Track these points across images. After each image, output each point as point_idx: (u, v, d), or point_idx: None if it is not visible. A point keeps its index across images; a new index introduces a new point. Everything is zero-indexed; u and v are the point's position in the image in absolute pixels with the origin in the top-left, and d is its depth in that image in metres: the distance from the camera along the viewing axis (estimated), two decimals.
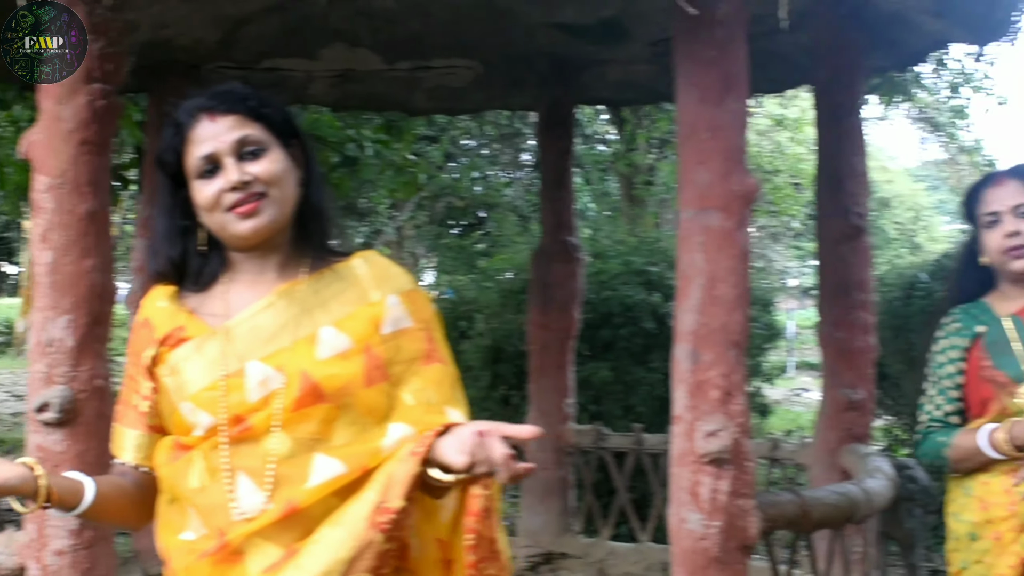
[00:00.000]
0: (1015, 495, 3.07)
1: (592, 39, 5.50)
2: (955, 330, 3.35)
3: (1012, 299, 3.31)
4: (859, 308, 5.19)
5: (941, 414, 3.33)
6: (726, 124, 3.66)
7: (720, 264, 3.64)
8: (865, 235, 5.21)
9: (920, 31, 5.12)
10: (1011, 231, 3.22)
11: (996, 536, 3.10)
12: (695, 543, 3.63)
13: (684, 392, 3.71)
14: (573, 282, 6.68)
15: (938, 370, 3.36)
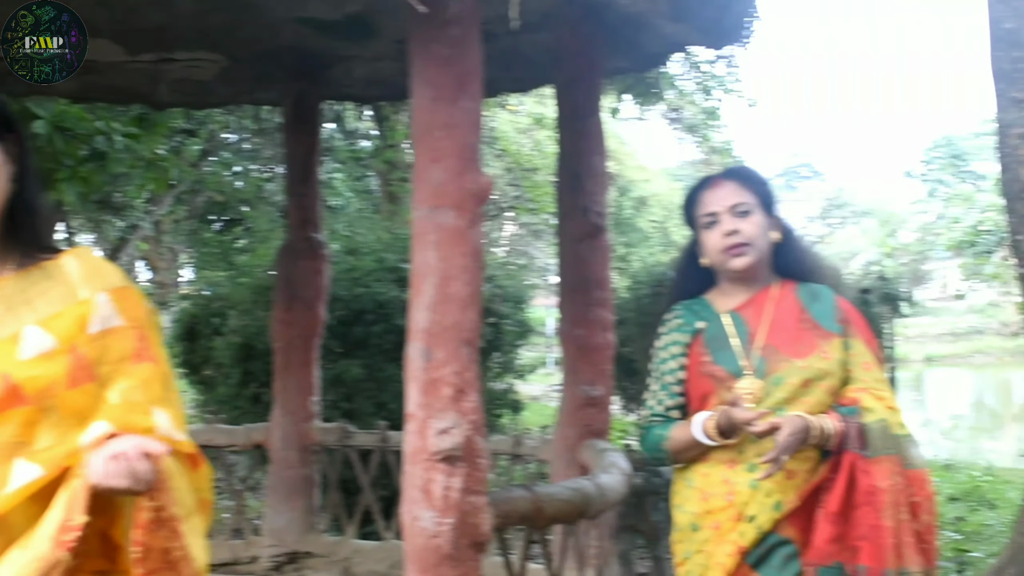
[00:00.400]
0: (732, 485, 3.15)
1: (338, 35, 5.43)
2: (676, 326, 3.39)
3: (732, 296, 3.36)
4: (598, 306, 5.26)
5: (662, 408, 3.35)
6: (460, 123, 3.64)
7: (453, 262, 3.62)
8: (604, 233, 5.28)
9: (658, 33, 5.22)
10: (729, 230, 3.28)
11: (715, 526, 3.16)
12: (427, 541, 3.60)
13: (417, 390, 3.67)
14: (318, 279, 6.59)
15: (660, 365, 3.39)
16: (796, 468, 3.09)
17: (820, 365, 3.19)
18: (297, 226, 6.62)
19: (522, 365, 10.71)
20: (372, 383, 8.20)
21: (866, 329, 3.36)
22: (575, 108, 5.25)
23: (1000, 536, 9.14)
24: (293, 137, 6.73)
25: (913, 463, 3.10)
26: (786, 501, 3.09)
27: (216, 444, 6.77)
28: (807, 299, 3.33)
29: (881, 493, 3.01)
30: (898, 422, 3.14)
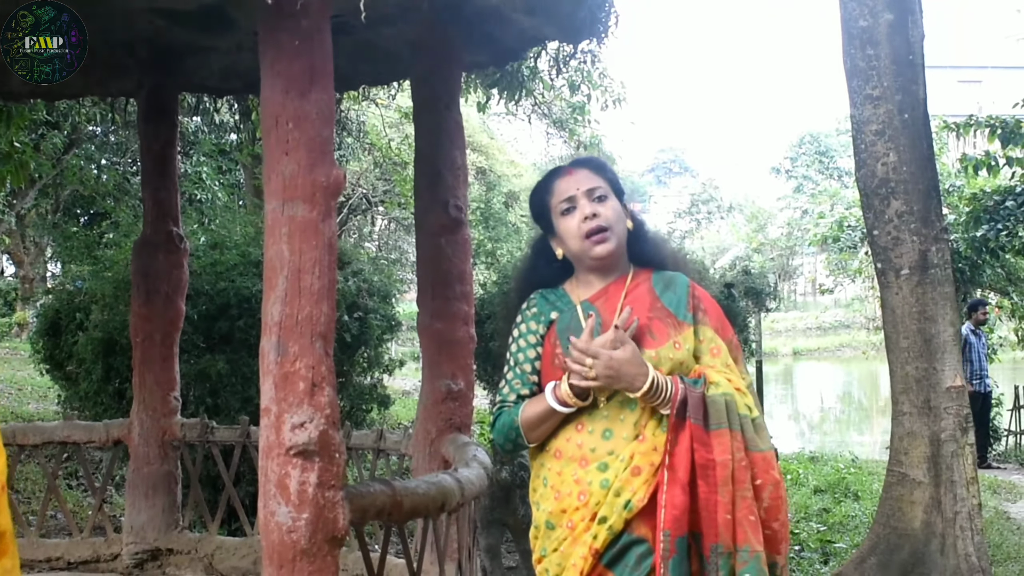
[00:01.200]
0: (584, 484, 3.09)
1: (193, 26, 5.35)
2: (532, 315, 3.33)
3: (588, 285, 3.31)
4: (459, 300, 5.28)
5: (514, 396, 3.28)
6: (311, 115, 3.62)
7: (305, 255, 3.60)
8: (464, 227, 5.30)
9: (515, 27, 5.25)
10: (589, 213, 3.21)
11: (570, 525, 3.11)
12: (284, 536, 3.58)
13: (271, 384, 3.66)
14: (178, 273, 6.52)
15: (516, 354, 3.33)
16: (642, 464, 3.04)
17: (672, 355, 3.14)
18: (155, 219, 6.52)
19: (391, 360, 10.67)
20: (237, 378, 8.11)
21: (719, 317, 3.31)
22: (433, 102, 5.25)
23: (864, 527, 9.37)
24: (149, 129, 6.62)
25: (758, 446, 3.07)
26: (636, 500, 3.02)
27: (76, 440, 6.66)
28: (661, 287, 3.28)
29: (716, 467, 2.99)
30: (745, 403, 3.12)
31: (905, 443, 7.01)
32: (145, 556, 6.44)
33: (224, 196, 16.95)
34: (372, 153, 20.99)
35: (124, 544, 6.47)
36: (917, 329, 6.94)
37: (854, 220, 20.25)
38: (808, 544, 8.95)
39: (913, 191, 7.04)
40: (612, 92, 15.61)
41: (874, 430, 22.53)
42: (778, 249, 51.07)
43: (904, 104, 7.11)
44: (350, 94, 10.64)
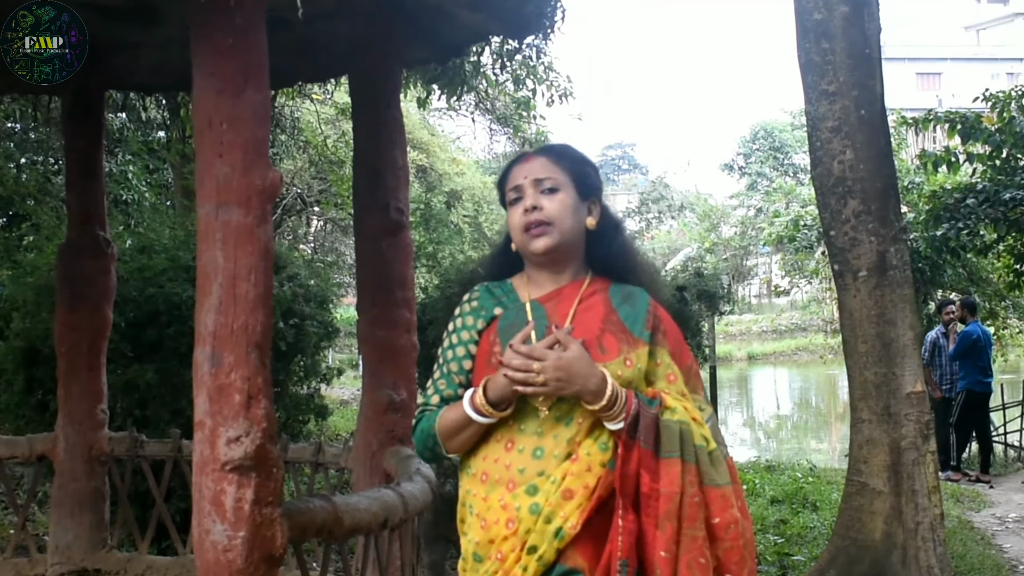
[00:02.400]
0: (511, 510, 2.94)
1: (121, 20, 5.31)
2: (470, 309, 3.21)
3: (539, 285, 3.19)
4: (400, 306, 5.29)
5: (438, 399, 3.15)
6: (246, 115, 3.61)
7: (240, 262, 3.59)
8: (406, 230, 5.31)
9: (458, 23, 5.27)
10: (528, 205, 3.10)
11: (500, 557, 2.95)
12: (219, 555, 3.57)
13: (205, 397, 3.65)
14: (105, 279, 6.48)
15: (446, 351, 3.20)
16: (574, 486, 2.89)
17: (621, 372, 2.99)
18: (80, 222, 6.49)
19: (328, 368, 10.66)
20: (167, 389, 8.07)
21: (678, 341, 3.21)
22: (372, 99, 5.26)
23: (823, 538, 9.46)
24: (74, 128, 6.57)
25: (715, 480, 2.94)
26: (568, 527, 2.88)
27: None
28: (618, 300, 3.15)
29: (660, 499, 2.86)
30: (702, 434, 2.98)
31: (864, 451, 7.09)
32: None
33: (152, 197, 16.83)
34: (307, 151, 20.92)
35: (49, 564, 6.42)
36: (876, 333, 7.03)
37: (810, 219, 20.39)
38: (765, 557, 9.02)
39: (871, 190, 7.12)
40: (558, 87, 15.68)
41: (833, 437, 22.74)
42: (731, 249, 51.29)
43: (861, 100, 7.21)
44: (285, 90, 10.61)
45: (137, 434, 6.61)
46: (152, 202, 16.48)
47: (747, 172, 66.36)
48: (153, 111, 16.20)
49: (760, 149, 66.14)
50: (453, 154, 29.16)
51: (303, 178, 22.77)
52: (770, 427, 26.11)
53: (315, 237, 29.41)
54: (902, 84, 62.15)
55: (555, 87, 15.54)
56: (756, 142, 66.76)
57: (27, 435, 6.93)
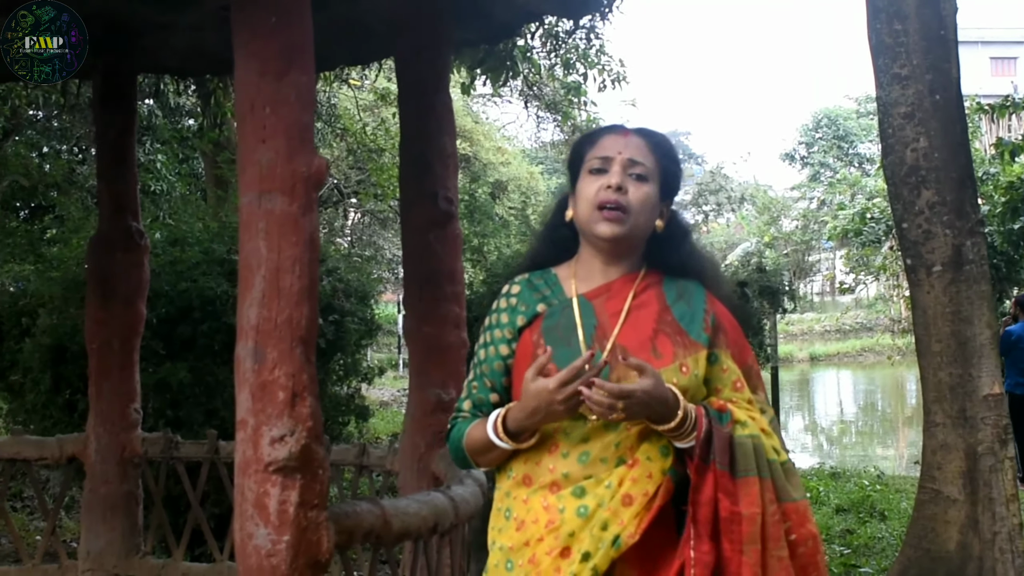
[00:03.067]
0: (555, 511, 2.84)
1: (153, 2, 5.36)
2: (508, 306, 3.10)
3: (590, 275, 3.07)
4: (449, 301, 5.30)
5: (470, 404, 3.07)
6: (290, 99, 3.63)
7: (285, 253, 3.60)
8: (454, 221, 5.32)
9: (510, 2, 5.27)
10: (615, 183, 2.96)
11: (532, 560, 2.83)
12: (262, 560, 3.59)
13: (247, 394, 3.66)
14: (137, 273, 6.54)
15: (480, 351, 3.11)
16: (634, 493, 2.80)
17: (676, 379, 2.88)
18: (111, 214, 6.54)
19: (369, 367, 10.69)
20: (201, 388, 8.13)
21: (738, 339, 3.11)
22: (420, 83, 5.27)
23: (892, 549, 9.40)
24: (104, 114, 6.65)
25: (791, 495, 2.86)
26: (626, 535, 2.78)
27: (25, 457, 6.66)
28: (673, 296, 3.05)
29: (743, 521, 2.77)
30: (773, 446, 2.90)
31: (938, 457, 7.04)
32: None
33: (182, 187, 16.94)
34: (345, 139, 20.98)
35: (80, 571, 6.49)
36: (951, 331, 6.97)
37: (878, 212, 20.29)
38: (831, 568, 8.98)
39: (946, 179, 7.07)
40: (610, 71, 15.61)
41: (900, 443, 22.56)
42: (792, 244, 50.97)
43: (935, 84, 7.14)
44: (322, 75, 10.66)
45: (172, 435, 6.65)
46: (183, 193, 16.57)
47: (809, 162, 65.93)
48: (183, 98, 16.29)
49: (823, 138, 65.70)
50: (498, 143, 29.16)
51: (340, 168, 22.85)
52: (833, 432, 25.90)
53: (352, 230, 29.48)
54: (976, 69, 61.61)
55: (607, 71, 15.45)
56: (819, 130, 66.33)
57: (57, 436, 6.98)
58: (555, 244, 3.18)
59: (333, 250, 13.15)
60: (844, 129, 64.61)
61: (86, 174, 16.41)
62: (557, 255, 3.17)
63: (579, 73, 15.18)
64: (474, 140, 25.96)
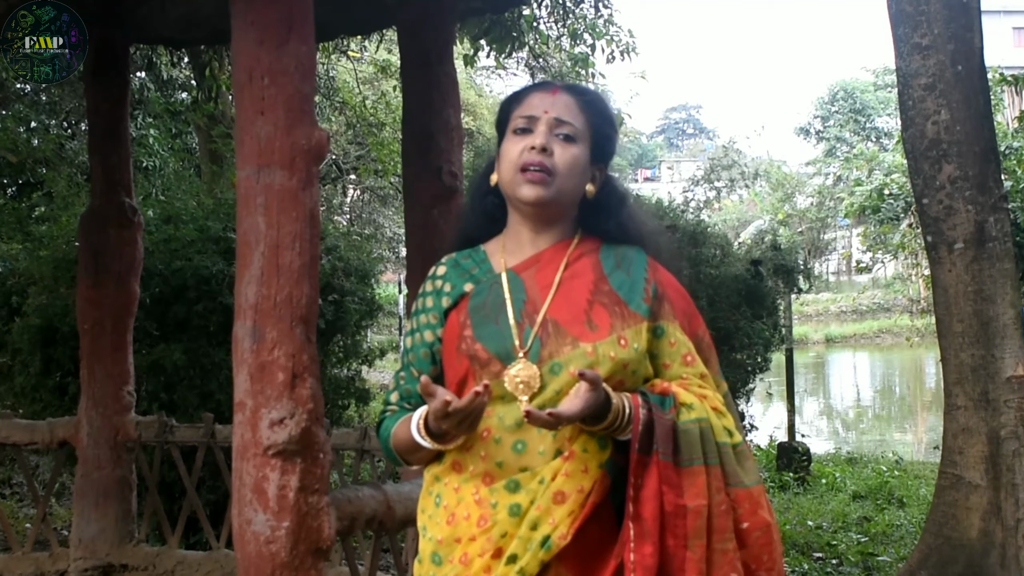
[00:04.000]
0: (488, 506, 2.72)
1: None
2: (436, 288, 2.97)
3: (519, 247, 2.95)
4: None
5: (398, 397, 2.96)
6: (289, 69, 3.63)
7: (284, 229, 3.62)
8: (459, 196, 5.31)
9: None
10: (539, 144, 2.83)
11: (464, 561, 2.73)
12: (261, 547, 3.61)
13: (245, 375, 3.67)
14: (130, 251, 6.53)
15: (408, 338, 2.99)
16: (568, 489, 2.68)
17: (615, 353, 2.75)
18: (103, 190, 6.53)
19: (370, 349, 10.68)
20: (196, 370, 8.12)
21: (686, 307, 2.96)
22: (423, 54, 5.26)
23: (911, 537, 9.43)
24: (96, 87, 6.61)
25: (742, 480, 2.74)
26: (556, 535, 2.65)
27: (14, 441, 6.67)
28: (611, 264, 2.91)
29: (688, 515, 2.64)
30: (724, 427, 2.77)
31: (959, 441, 7.04)
32: (96, 573, 6.47)
33: (175, 163, 16.92)
34: (344, 113, 20.96)
35: (72, 559, 6.49)
36: (973, 311, 6.96)
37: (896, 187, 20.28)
38: (847, 557, 9.01)
39: (968, 153, 7.05)
40: (619, 42, 15.57)
41: (919, 428, 22.58)
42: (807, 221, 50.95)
43: (957, 54, 7.12)
44: (321, 46, 10.65)
45: (166, 418, 6.65)
46: (176, 169, 16.56)
47: (825, 137, 65.95)
48: (177, 70, 16.27)
49: (839, 111, 65.69)
50: None
51: (339, 143, 22.83)
52: (850, 416, 25.91)
53: (351, 208, 29.47)
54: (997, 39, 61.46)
55: (616, 42, 15.42)
56: (835, 104, 66.31)
57: (47, 419, 6.98)
58: (484, 214, 3.04)
59: (332, 228, 13.16)
60: (861, 102, 64.58)
61: (76, 149, 16.39)
62: (489, 227, 3.04)
63: (587, 44, 15.15)
64: (478, 114, 25.93)
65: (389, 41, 15.24)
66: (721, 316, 8.53)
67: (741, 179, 57.64)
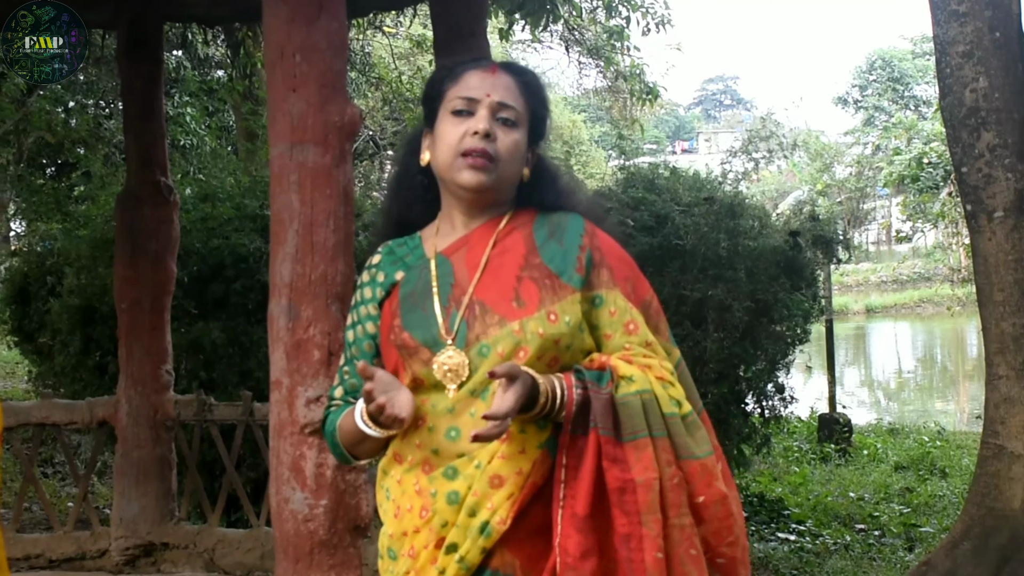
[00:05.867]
0: (427, 496, 2.64)
1: None
2: (372, 277, 2.88)
3: (451, 229, 2.83)
4: None
5: (342, 392, 2.87)
6: (321, 45, 3.62)
7: (318, 206, 3.61)
8: None
9: None
10: (483, 129, 2.69)
11: (411, 554, 2.67)
12: (299, 525, 3.62)
13: (282, 353, 3.68)
14: (167, 229, 6.55)
15: (349, 332, 2.90)
16: (505, 472, 2.58)
17: (543, 330, 2.62)
18: (139, 168, 6.55)
19: None
20: (234, 348, 8.12)
21: (630, 274, 2.81)
22: (457, 28, 5.25)
23: (953, 508, 9.38)
24: (131, 66, 6.62)
25: (693, 452, 2.61)
26: (495, 521, 2.56)
27: (54, 421, 6.71)
28: (543, 235, 2.78)
29: (638, 489, 2.52)
30: (670, 397, 2.63)
31: (1002, 411, 6.98)
32: (137, 552, 6.51)
33: (212, 141, 16.95)
34: (380, 89, 20.94)
35: (113, 538, 6.53)
36: (1014, 280, 6.90)
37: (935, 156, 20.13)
38: (889, 528, 8.97)
39: (1007, 121, 6.97)
40: (654, 14, 15.50)
41: (961, 397, 22.46)
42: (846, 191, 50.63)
43: (995, 20, 7.04)
44: (355, 22, 10.63)
45: (205, 397, 6.66)
46: (212, 146, 16.59)
47: (863, 106, 65.56)
48: (212, 48, 16.29)
49: (877, 80, 65.25)
50: None
51: (376, 119, 22.82)
52: (891, 387, 25.83)
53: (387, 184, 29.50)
54: None
55: (651, 14, 15.36)
56: (873, 72, 65.88)
57: (87, 399, 7.03)
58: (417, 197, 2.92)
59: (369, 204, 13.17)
60: (899, 71, 64.15)
61: (113, 129, 16.44)
62: (425, 211, 2.92)
63: (622, 16, 15.09)
64: None
65: (424, 15, 15.19)
66: (760, 288, 8.45)
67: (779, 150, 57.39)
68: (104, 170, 13.91)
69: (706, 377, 8.18)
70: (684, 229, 8.19)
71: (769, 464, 11.60)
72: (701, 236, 8.20)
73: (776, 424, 9.85)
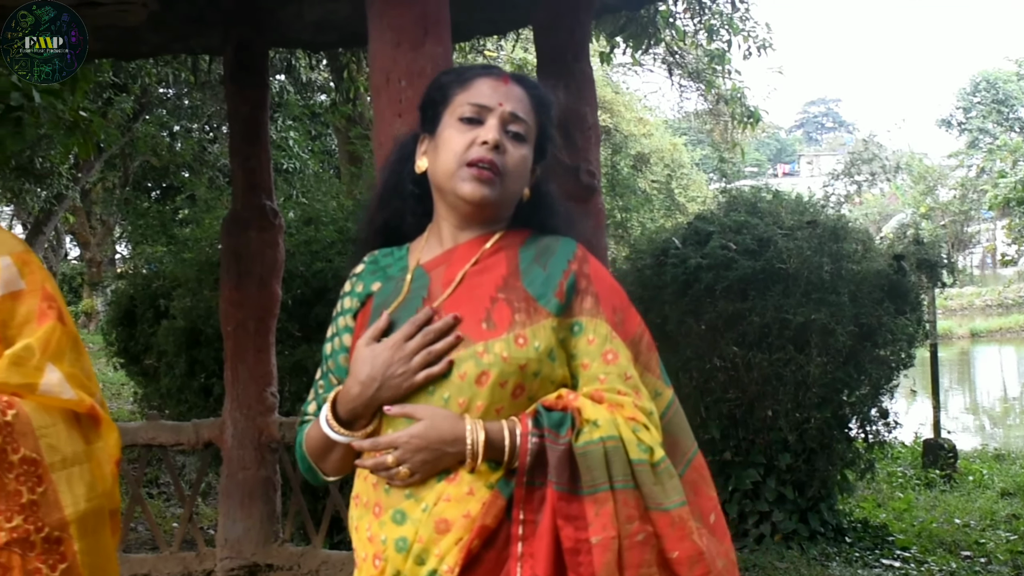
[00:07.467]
0: (379, 543, 2.47)
1: None
2: (352, 288, 2.75)
3: (439, 242, 2.68)
4: None
5: (315, 407, 2.70)
6: (426, 70, 3.63)
7: None
8: (597, 195, 5.27)
9: None
10: (491, 140, 2.54)
11: None
12: None
13: None
14: (272, 252, 6.59)
15: (327, 344, 2.77)
16: (451, 516, 2.39)
17: (508, 353, 2.44)
18: (245, 192, 6.61)
19: None
20: None
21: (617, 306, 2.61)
22: (559, 52, 5.24)
23: None
24: (237, 90, 6.70)
25: (661, 504, 2.38)
26: (443, 570, 2.37)
27: (161, 443, 6.77)
28: (529, 257, 2.61)
29: (594, 551, 2.31)
30: (639, 442, 2.41)
31: None
32: (242, 572, 6.55)
33: (314, 165, 17.11)
34: None
35: (218, 559, 6.58)
36: None
37: None
38: (996, 556, 8.83)
39: None
40: (756, 37, 15.45)
41: None
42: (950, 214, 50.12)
43: None
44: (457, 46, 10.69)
45: None
46: (315, 170, 16.75)
47: (967, 128, 64.78)
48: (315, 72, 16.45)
49: (982, 102, 64.47)
50: (640, 113, 29.01)
51: None
52: (997, 412, 25.42)
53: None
54: None
55: (752, 38, 15.31)
56: (977, 95, 65.11)
57: (193, 421, 7.10)
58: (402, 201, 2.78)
59: None
60: (1004, 92, 63.35)
61: (217, 153, 16.68)
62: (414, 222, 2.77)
63: (723, 40, 15.04)
64: (614, 111, 25.84)
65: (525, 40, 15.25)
66: (864, 312, 8.39)
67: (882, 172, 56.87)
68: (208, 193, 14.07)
69: (809, 402, 8.13)
70: (787, 252, 8.14)
71: (873, 490, 11.46)
72: (804, 260, 8.15)
73: (880, 449, 9.75)
